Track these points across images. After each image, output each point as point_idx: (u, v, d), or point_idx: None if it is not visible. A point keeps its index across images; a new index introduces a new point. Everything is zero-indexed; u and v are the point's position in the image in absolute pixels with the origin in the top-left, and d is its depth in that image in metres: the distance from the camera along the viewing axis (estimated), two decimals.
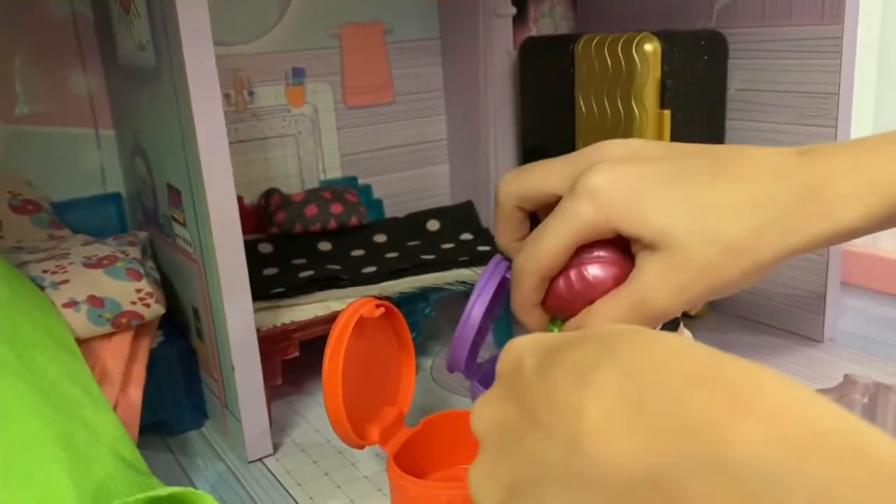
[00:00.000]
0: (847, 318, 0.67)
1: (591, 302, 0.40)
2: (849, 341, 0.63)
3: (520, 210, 0.43)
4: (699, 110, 0.61)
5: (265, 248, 0.66)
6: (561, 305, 0.41)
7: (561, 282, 0.41)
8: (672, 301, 0.37)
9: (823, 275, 0.61)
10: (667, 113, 0.58)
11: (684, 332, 0.46)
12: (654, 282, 0.38)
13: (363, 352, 0.44)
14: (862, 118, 0.71)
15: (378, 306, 0.45)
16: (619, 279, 0.40)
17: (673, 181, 0.37)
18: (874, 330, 0.65)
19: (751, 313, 0.68)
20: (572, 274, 0.40)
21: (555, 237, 0.39)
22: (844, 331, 0.64)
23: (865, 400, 0.35)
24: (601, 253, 0.40)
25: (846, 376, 0.36)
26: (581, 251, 0.40)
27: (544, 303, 0.42)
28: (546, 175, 0.41)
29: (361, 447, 0.44)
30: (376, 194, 0.76)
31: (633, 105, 0.59)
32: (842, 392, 0.35)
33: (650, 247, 0.37)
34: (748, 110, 0.63)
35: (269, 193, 0.69)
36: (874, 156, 0.35)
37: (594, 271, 0.40)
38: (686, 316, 0.66)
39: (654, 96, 0.58)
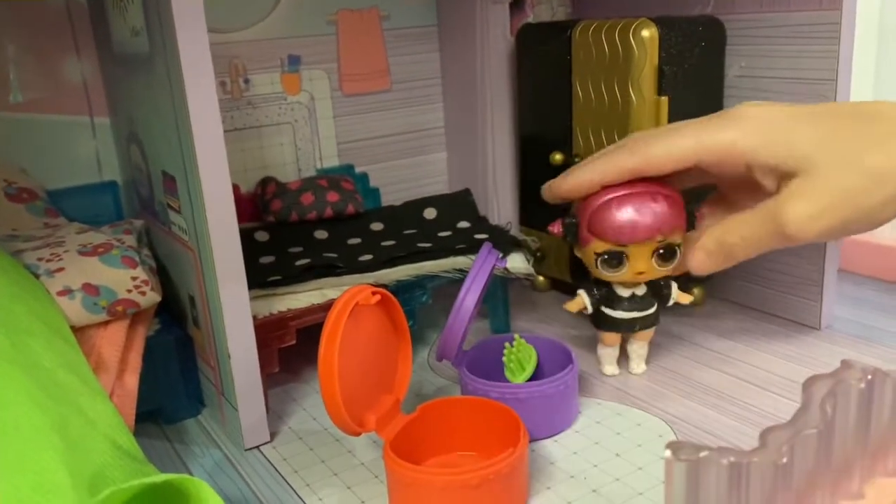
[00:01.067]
0: (845, 306, 0.67)
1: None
2: (846, 328, 0.63)
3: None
4: (697, 97, 0.60)
5: (261, 236, 0.66)
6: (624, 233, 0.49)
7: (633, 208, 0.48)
8: (811, 226, 0.40)
9: (821, 261, 0.61)
10: (664, 99, 0.58)
11: None
12: (796, 204, 0.40)
13: (359, 339, 0.44)
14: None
15: (374, 293, 0.44)
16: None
17: (817, 119, 0.42)
18: (872, 317, 0.65)
19: (748, 300, 0.67)
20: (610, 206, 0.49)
21: (684, 142, 0.44)
22: (842, 318, 0.64)
23: (863, 385, 0.35)
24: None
25: (843, 361, 0.36)
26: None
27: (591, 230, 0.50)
28: (682, 137, 0.46)
29: (358, 434, 0.44)
30: (373, 182, 0.76)
31: (631, 91, 0.58)
32: (839, 377, 0.34)
33: (791, 174, 0.41)
34: (746, 97, 0.62)
35: (265, 182, 0.68)
36: None
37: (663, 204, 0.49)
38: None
39: (652, 83, 0.58)
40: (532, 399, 0.48)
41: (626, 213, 0.49)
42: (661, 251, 0.50)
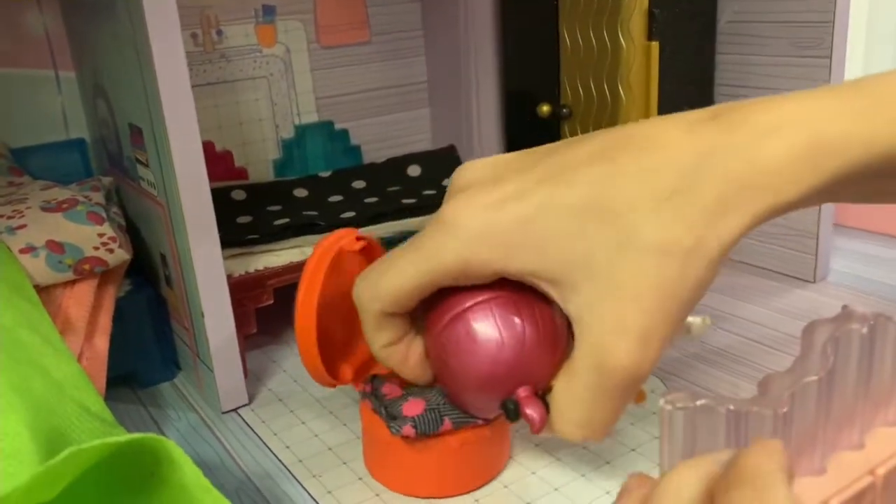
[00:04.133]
0: (839, 259, 0.65)
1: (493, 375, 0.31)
2: (841, 280, 0.61)
3: (390, 315, 0.34)
4: (688, 42, 0.58)
5: (238, 195, 0.63)
6: (450, 377, 0.33)
7: (439, 349, 0.32)
8: (641, 352, 0.28)
9: (816, 215, 0.59)
10: (654, 44, 0.55)
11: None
12: (605, 335, 0.28)
13: (339, 287, 0.42)
14: (854, 48, 0.68)
15: (358, 238, 0.42)
16: (533, 335, 0.31)
17: (564, 186, 0.28)
18: (867, 269, 0.63)
19: (742, 256, 0.66)
20: (454, 331, 0.32)
21: (406, 268, 0.31)
22: (837, 271, 0.63)
23: (865, 330, 0.33)
24: (485, 299, 0.31)
25: (845, 307, 0.34)
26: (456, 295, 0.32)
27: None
28: (402, 270, 0.32)
29: (333, 386, 0.42)
30: (354, 140, 0.73)
31: (620, 36, 0.56)
32: (840, 323, 0.33)
33: (565, 285, 0.29)
34: (739, 43, 0.60)
35: None
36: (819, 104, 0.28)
37: (488, 333, 0.31)
38: None
39: (642, 27, 0.55)
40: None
41: None
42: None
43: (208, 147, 0.65)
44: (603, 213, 0.28)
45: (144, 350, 0.52)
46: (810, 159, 0.28)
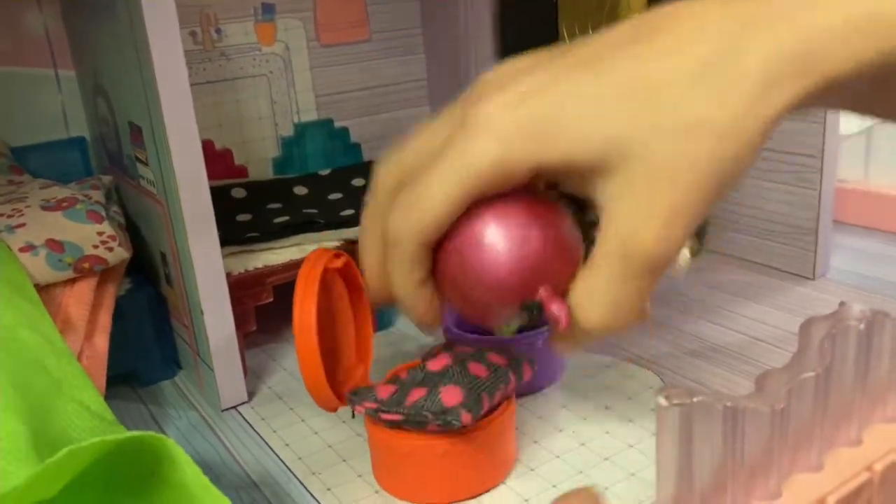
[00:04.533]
0: (839, 256, 0.65)
1: (518, 281, 0.30)
2: (841, 278, 0.61)
3: (426, 247, 0.31)
4: None
5: (238, 193, 0.63)
6: (465, 289, 0.31)
7: (456, 256, 0.31)
8: (667, 235, 0.27)
9: (815, 211, 0.59)
10: None
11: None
12: (633, 218, 0.27)
13: (328, 307, 0.42)
14: None
15: (337, 255, 0.42)
16: (553, 237, 0.31)
17: (593, 71, 0.27)
18: (866, 266, 0.63)
19: (740, 252, 0.66)
20: (474, 234, 0.30)
21: (443, 188, 0.29)
22: (837, 268, 0.63)
23: (862, 326, 0.33)
24: (503, 203, 0.30)
25: (842, 303, 0.34)
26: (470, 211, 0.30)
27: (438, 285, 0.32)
28: (436, 190, 0.29)
29: (335, 410, 0.41)
30: (354, 138, 0.73)
31: None
32: (838, 319, 0.33)
33: (601, 171, 0.28)
34: None
35: None
36: None
37: (510, 231, 0.30)
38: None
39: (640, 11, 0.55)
40: (518, 350, 0.47)
41: None
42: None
43: (208, 145, 0.65)
44: (638, 93, 0.27)
45: (145, 348, 0.52)
46: (870, 33, 0.25)
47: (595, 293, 0.30)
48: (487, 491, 0.40)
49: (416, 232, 0.30)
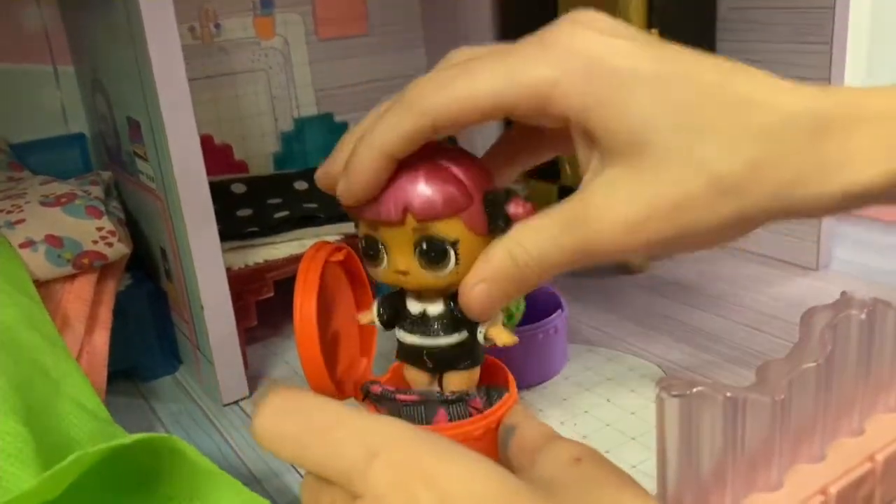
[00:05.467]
0: (842, 246, 0.65)
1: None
2: (843, 268, 0.61)
3: (430, 134, 0.30)
4: (688, 30, 0.58)
5: (238, 188, 0.63)
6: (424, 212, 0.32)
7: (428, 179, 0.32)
8: (627, 239, 0.27)
9: None
10: (654, 32, 0.55)
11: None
12: (612, 205, 0.27)
13: (327, 300, 0.42)
14: (857, 36, 0.68)
15: (338, 249, 0.41)
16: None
17: (667, 81, 0.27)
18: (870, 257, 0.63)
19: (744, 243, 0.66)
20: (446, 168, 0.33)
21: (476, 83, 0.28)
22: (839, 258, 0.63)
23: (863, 316, 0.33)
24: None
25: (843, 293, 0.34)
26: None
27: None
28: (478, 77, 0.29)
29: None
30: None
31: None
32: (839, 308, 0.33)
33: (611, 153, 0.27)
34: (739, 30, 0.60)
35: None
36: None
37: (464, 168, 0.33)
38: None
39: (641, 14, 0.55)
40: (520, 344, 0.47)
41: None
42: (423, 246, 0.33)
43: (207, 141, 0.65)
44: (689, 129, 0.26)
45: (145, 344, 0.52)
46: None
47: (538, 237, 0.30)
48: None
49: (436, 105, 0.29)
